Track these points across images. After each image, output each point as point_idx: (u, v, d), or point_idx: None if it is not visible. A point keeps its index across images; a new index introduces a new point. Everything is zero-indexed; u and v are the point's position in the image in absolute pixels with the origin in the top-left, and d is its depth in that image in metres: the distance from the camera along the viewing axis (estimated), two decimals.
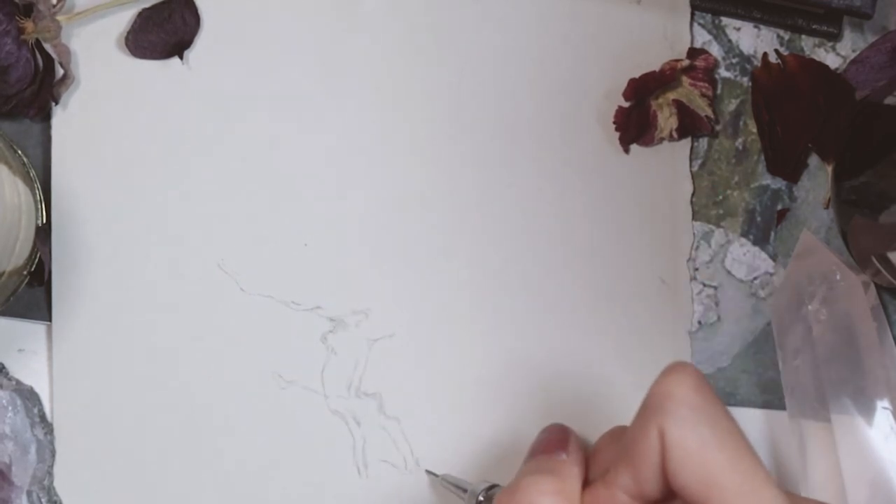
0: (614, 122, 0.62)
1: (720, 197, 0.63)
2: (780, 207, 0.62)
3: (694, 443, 0.49)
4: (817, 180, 0.63)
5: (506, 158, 0.63)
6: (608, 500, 0.52)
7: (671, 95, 0.62)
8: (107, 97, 0.63)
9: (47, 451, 0.63)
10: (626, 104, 0.61)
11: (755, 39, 0.63)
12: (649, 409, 0.51)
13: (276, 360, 0.63)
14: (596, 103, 0.63)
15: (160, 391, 0.63)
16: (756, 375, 0.62)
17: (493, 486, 0.58)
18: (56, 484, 0.63)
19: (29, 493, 0.63)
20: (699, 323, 0.63)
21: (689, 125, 0.62)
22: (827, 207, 0.62)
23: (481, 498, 0.58)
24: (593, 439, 0.54)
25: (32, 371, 0.64)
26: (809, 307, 0.60)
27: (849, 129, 0.60)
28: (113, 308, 0.63)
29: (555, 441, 0.56)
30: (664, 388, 0.51)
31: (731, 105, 0.63)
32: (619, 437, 0.53)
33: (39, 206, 0.63)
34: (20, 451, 0.63)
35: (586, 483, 0.53)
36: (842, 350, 0.59)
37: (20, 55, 0.60)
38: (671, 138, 0.62)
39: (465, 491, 0.59)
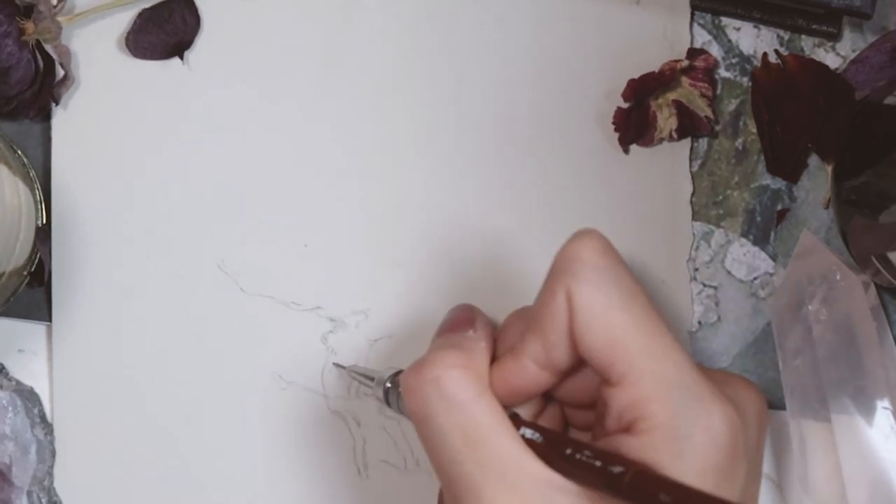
0: (613, 123, 0.62)
1: (720, 197, 0.63)
2: (779, 207, 0.62)
3: (601, 304, 0.49)
4: (817, 180, 0.63)
5: (505, 159, 0.63)
6: (516, 370, 0.52)
7: (671, 96, 0.62)
8: (107, 98, 0.63)
9: (47, 452, 0.63)
10: (625, 105, 0.61)
11: (755, 39, 0.63)
12: (556, 272, 0.51)
13: (277, 360, 0.63)
14: (596, 103, 0.63)
15: (160, 391, 0.63)
16: (756, 375, 0.62)
17: (399, 372, 0.58)
18: (56, 484, 0.63)
19: (29, 494, 0.63)
20: (699, 323, 0.63)
21: (689, 125, 0.62)
22: (827, 207, 0.62)
23: (388, 385, 0.57)
24: None
25: (32, 371, 0.64)
26: (809, 307, 0.60)
27: (849, 129, 0.60)
28: (113, 308, 0.63)
29: (461, 319, 0.55)
30: (571, 252, 0.51)
31: (730, 105, 0.63)
32: (527, 314, 0.52)
33: (39, 207, 0.63)
34: (20, 451, 0.63)
35: (494, 359, 0.53)
36: (842, 350, 0.59)
37: (21, 56, 0.60)
38: (671, 139, 0.62)
39: (372, 380, 0.59)
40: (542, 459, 0.49)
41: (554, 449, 0.49)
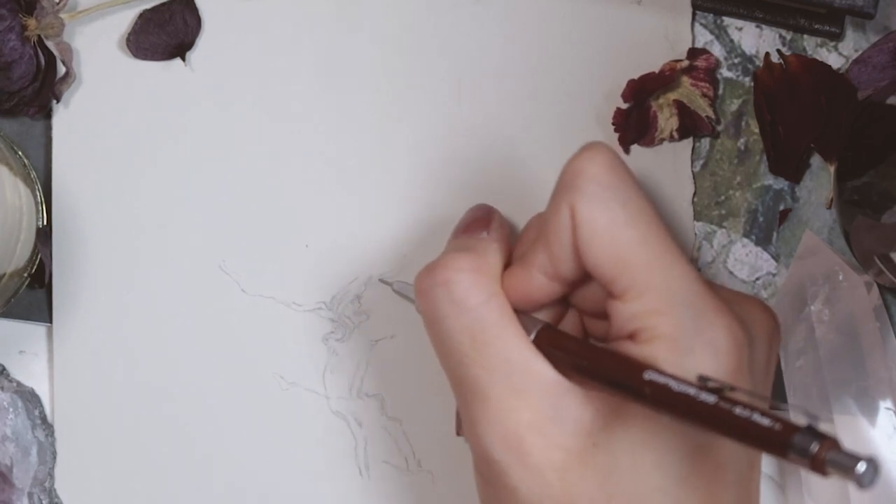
0: (613, 124, 0.62)
1: (722, 197, 0.63)
2: (782, 208, 0.62)
3: (603, 220, 0.50)
4: (820, 180, 0.62)
5: (505, 159, 0.63)
6: (525, 279, 0.52)
7: (672, 96, 0.62)
8: (109, 96, 0.63)
9: (48, 453, 0.63)
10: (624, 105, 0.61)
11: (757, 39, 0.63)
12: (561, 186, 0.51)
13: (278, 361, 0.63)
14: (596, 104, 0.63)
15: (161, 392, 0.63)
16: None
17: None
18: (57, 486, 0.63)
19: (30, 495, 0.63)
20: None
21: (690, 125, 0.62)
22: (829, 207, 0.62)
23: None
24: None
25: (33, 373, 0.64)
26: (812, 308, 0.60)
27: (851, 129, 0.60)
28: (113, 309, 0.63)
29: (477, 220, 0.56)
30: (576, 167, 0.51)
31: (733, 105, 0.63)
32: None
33: (40, 208, 0.63)
34: (21, 452, 0.63)
35: (510, 262, 0.54)
36: (844, 350, 0.59)
37: (24, 52, 0.60)
38: (671, 139, 0.62)
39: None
40: (556, 367, 0.50)
41: (568, 357, 0.50)
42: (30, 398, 0.63)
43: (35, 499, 0.63)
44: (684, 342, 0.48)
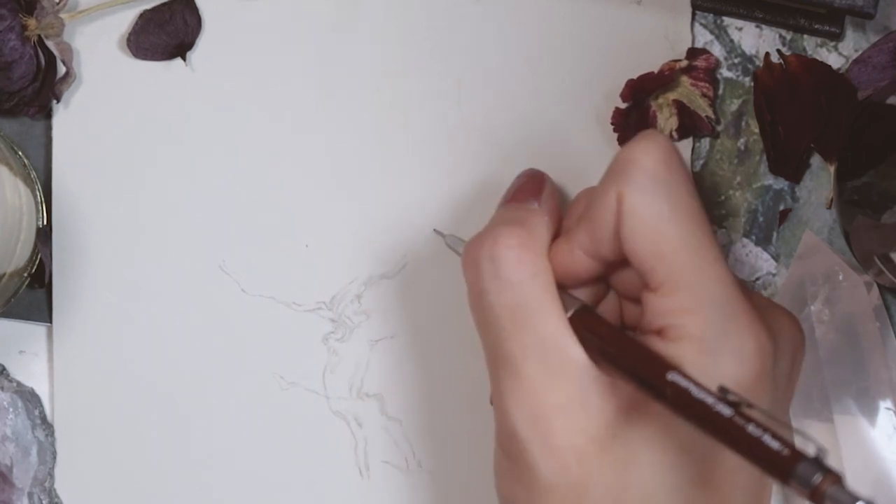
0: (612, 124, 0.62)
1: (722, 197, 0.63)
2: (782, 208, 0.62)
3: (649, 213, 0.50)
4: (820, 180, 0.62)
5: (505, 160, 0.63)
6: (566, 255, 0.53)
7: (671, 96, 0.62)
8: (109, 96, 0.63)
9: (48, 453, 0.63)
10: (623, 105, 0.61)
11: (757, 39, 0.63)
12: (613, 172, 0.52)
13: (278, 361, 0.63)
14: (596, 104, 0.63)
15: (161, 392, 0.63)
16: None
17: None
18: (57, 486, 0.63)
19: (30, 495, 0.63)
20: None
21: (690, 125, 0.62)
22: (829, 207, 0.62)
23: None
24: None
25: (33, 373, 0.64)
26: (812, 308, 0.60)
27: (851, 129, 0.60)
28: (113, 309, 0.63)
29: (528, 188, 0.56)
30: (631, 155, 0.51)
31: (733, 105, 0.63)
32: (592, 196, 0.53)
33: (40, 208, 0.63)
34: (21, 452, 0.63)
35: (558, 234, 0.54)
36: (845, 351, 0.59)
37: (24, 52, 0.60)
38: (671, 139, 0.62)
39: None
40: (586, 350, 0.51)
41: (599, 342, 0.51)
42: (30, 398, 0.63)
43: (35, 499, 0.63)
44: (711, 344, 0.49)
